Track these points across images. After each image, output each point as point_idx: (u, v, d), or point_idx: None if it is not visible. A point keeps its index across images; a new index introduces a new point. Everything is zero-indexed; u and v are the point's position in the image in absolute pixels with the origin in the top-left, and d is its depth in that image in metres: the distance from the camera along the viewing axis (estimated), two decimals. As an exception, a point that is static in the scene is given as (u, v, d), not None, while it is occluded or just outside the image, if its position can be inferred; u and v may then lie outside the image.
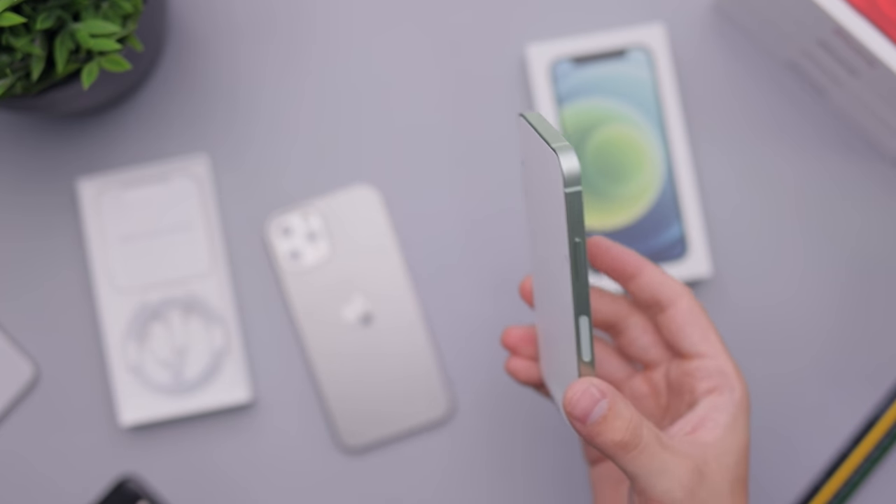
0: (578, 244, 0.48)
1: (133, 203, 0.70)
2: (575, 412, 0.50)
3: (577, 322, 0.50)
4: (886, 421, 0.69)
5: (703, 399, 0.54)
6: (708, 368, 0.55)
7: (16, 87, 0.59)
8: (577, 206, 0.47)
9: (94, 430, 0.70)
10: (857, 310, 0.70)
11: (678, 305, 0.56)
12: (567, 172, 0.47)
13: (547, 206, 0.50)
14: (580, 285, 0.49)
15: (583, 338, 0.50)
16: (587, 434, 0.50)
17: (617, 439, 0.50)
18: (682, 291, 0.56)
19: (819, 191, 0.71)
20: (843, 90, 0.68)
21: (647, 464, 0.50)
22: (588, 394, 0.50)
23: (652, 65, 0.70)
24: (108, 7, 0.59)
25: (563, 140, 0.48)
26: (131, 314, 0.70)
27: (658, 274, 0.56)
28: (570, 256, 0.48)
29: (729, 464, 0.53)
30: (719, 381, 0.54)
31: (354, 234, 0.70)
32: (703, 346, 0.55)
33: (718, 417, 0.54)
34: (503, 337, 0.60)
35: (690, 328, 0.55)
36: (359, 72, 0.71)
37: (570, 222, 0.48)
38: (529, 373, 0.59)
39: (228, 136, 0.71)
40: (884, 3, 0.62)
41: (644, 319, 0.58)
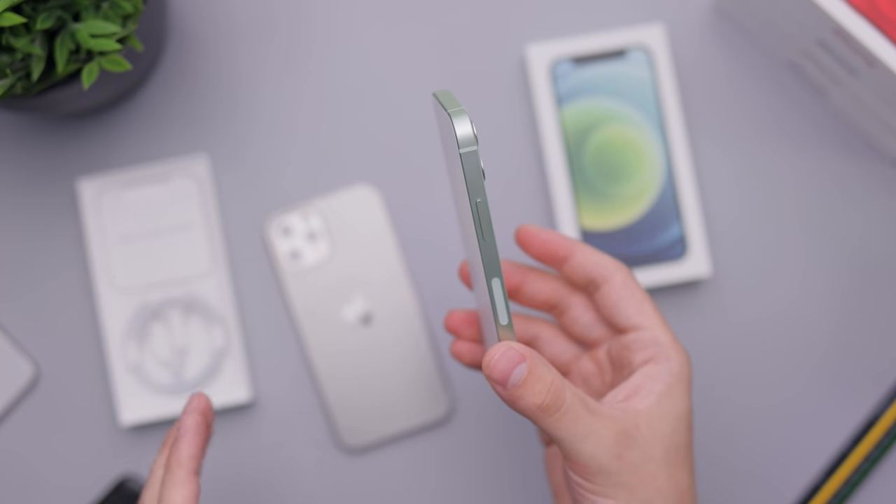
0: (480, 203, 0.49)
1: (133, 203, 0.70)
2: (494, 375, 0.50)
3: (489, 285, 0.50)
4: (886, 420, 0.69)
5: (639, 370, 0.54)
6: (644, 340, 0.55)
7: (16, 88, 0.59)
8: (474, 166, 0.48)
9: (95, 430, 0.70)
10: (857, 310, 0.70)
11: (612, 281, 0.56)
12: (460, 134, 0.48)
13: (456, 179, 0.51)
14: (487, 246, 0.49)
15: (497, 300, 0.50)
16: (508, 398, 0.50)
17: (538, 402, 0.50)
18: (614, 268, 0.56)
19: (819, 191, 0.71)
20: (843, 90, 0.68)
21: (570, 427, 0.50)
22: (506, 357, 0.50)
23: (652, 65, 0.70)
24: (108, 7, 0.59)
25: (458, 105, 0.49)
26: (131, 314, 0.70)
27: (591, 254, 0.56)
28: (474, 217, 0.49)
29: (664, 431, 0.52)
30: (655, 351, 0.54)
31: (354, 234, 0.70)
32: (639, 318, 0.55)
33: (652, 386, 0.53)
34: (445, 321, 0.60)
35: (625, 302, 0.55)
36: (359, 72, 0.71)
37: (469, 182, 0.48)
38: (473, 355, 0.59)
39: (228, 136, 0.71)
40: (883, 4, 0.62)
41: (585, 299, 0.58)
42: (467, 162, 0.48)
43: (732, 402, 0.70)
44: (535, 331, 0.60)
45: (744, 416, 0.70)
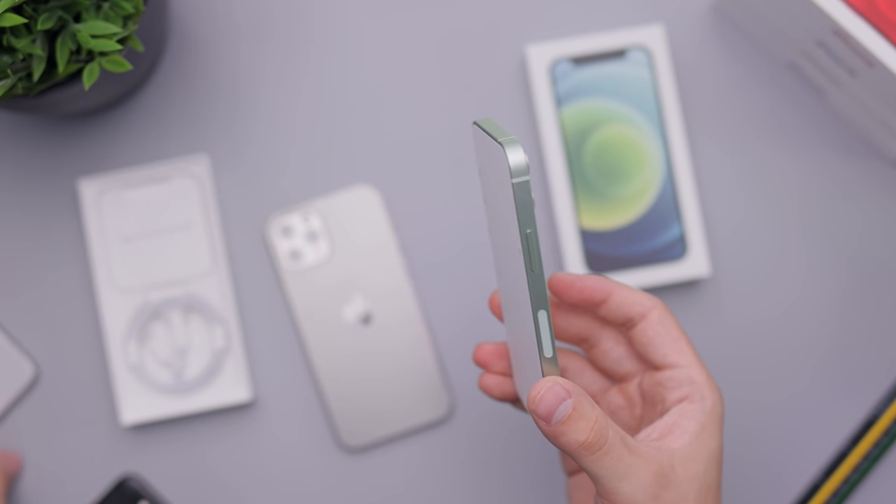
0: (530, 235, 0.48)
1: (134, 203, 0.70)
2: (539, 410, 0.50)
3: (535, 317, 0.50)
4: (885, 420, 0.69)
5: (673, 407, 0.54)
6: (679, 378, 0.55)
7: (17, 88, 0.59)
8: (525, 197, 0.48)
9: (95, 430, 0.70)
10: (857, 310, 0.70)
11: (648, 318, 0.56)
12: (513, 164, 0.48)
13: (502, 208, 0.51)
14: (535, 277, 0.49)
15: (542, 333, 0.50)
16: (551, 434, 0.50)
17: (581, 440, 0.50)
18: (651, 304, 0.56)
19: (819, 191, 0.71)
20: (843, 91, 0.68)
21: (611, 466, 0.50)
22: (552, 392, 0.50)
23: (651, 65, 0.70)
24: (108, 8, 0.59)
25: (509, 135, 0.49)
26: (132, 314, 0.70)
27: (627, 293, 0.56)
28: (523, 248, 0.49)
29: (697, 470, 0.52)
30: (690, 389, 0.54)
31: (354, 234, 0.70)
32: (674, 356, 0.55)
33: (687, 425, 0.53)
34: (474, 354, 0.59)
35: (661, 339, 0.55)
36: (358, 72, 0.71)
37: (520, 213, 0.48)
38: (503, 388, 0.58)
39: (228, 136, 0.71)
40: (882, 4, 0.62)
41: (615, 333, 0.58)
42: (519, 192, 0.48)
43: (732, 402, 0.70)
44: (564, 362, 0.60)
45: (743, 416, 0.70)
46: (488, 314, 0.70)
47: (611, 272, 0.69)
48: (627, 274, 0.69)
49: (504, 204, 0.50)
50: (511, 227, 0.50)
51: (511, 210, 0.49)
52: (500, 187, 0.50)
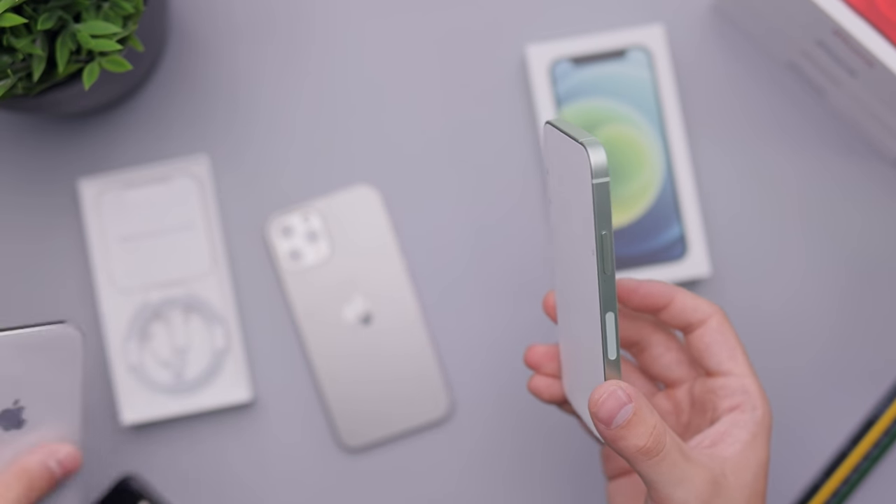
0: (605, 236, 0.49)
1: (134, 203, 0.70)
2: (600, 414, 0.50)
3: (603, 319, 0.50)
4: (885, 420, 0.69)
5: (724, 416, 0.55)
6: (732, 386, 0.55)
7: (17, 88, 0.59)
8: (604, 198, 0.48)
9: (96, 430, 0.70)
10: (857, 310, 0.70)
11: (707, 324, 0.56)
12: (595, 164, 0.48)
13: (574, 208, 0.51)
14: (607, 279, 0.50)
15: (609, 335, 0.50)
16: (610, 437, 0.50)
17: (640, 445, 0.50)
18: (711, 311, 0.56)
19: (818, 191, 0.71)
20: (843, 91, 0.68)
21: (667, 472, 0.50)
22: (614, 396, 0.50)
23: (651, 65, 0.70)
24: (108, 8, 0.59)
25: (590, 135, 0.49)
26: (132, 314, 0.70)
27: (689, 298, 0.56)
28: (597, 249, 0.49)
29: (747, 479, 0.53)
30: (742, 399, 0.55)
31: (354, 234, 0.70)
32: (729, 364, 0.55)
33: (738, 434, 0.54)
34: (526, 355, 0.59)
35: (718, 347, 0.56)
36: (358, 72, 0.71)
37: (598, 214, 0.49)
38: (552, 391, 0.59)
39: (228, 136, 0.71)
40: (882, 4, 0.62)
41: (667, 337, 0.58)
42: (599, 193, 0.48)
43: (732, 402, 0.70)
44: None
45: (743, 416, 0.70)
46: (489, 312, 0.70)
47: (611, 272, 0.69)
48: (627, 274, 0.69)
49: (577, 204, 0.50)
50: (583, 227, 0.50)
51: (586, 211, 0.49)
52: (576, 187, 0.50)
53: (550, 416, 0.70)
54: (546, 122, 0.54)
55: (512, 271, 0.71)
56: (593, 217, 0.49)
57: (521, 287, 0.70)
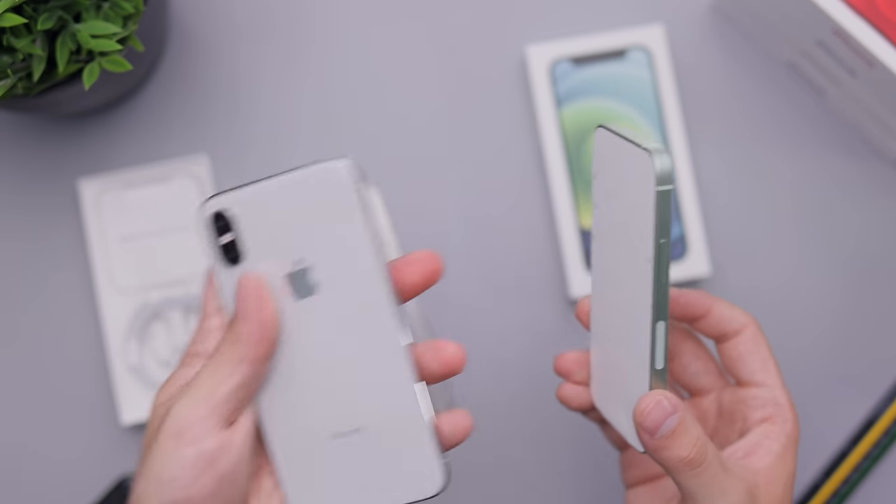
0: (663, 244, 0.49)
1: (134, 203, 0.70)
2: (645, 423, 0.50)
3: (653, 328, 0.50)
4: (886, 420, 0.69)
5: (755, 427, 0.55)
6: (764, 398, 0.55)
7: (17, 88, 0.60)
8: (666, 206, 0.48)
9: (96, 430, 0.70)
10: (856, 310, 0.71)
11: (742, 334, 0.56)
12: (660, 171, 0.48)
13: (627, 213, 0.51)
14: (661, 287, 0.50)
15: (658, 344, 0.50)
16: (654, 447, 0.50)
17: (683, 455, 0.50)
18: (747, 321, 0.56)
19: (818, 191, 0.71)
20: (842, 90, 0.68)
21: (708, 483, 0.51)
22: (660, 406, 0.50)
23: (651, 65, 0.70)
24: (108, 8, 0.59)
25: (653, 142, 0.49)
26: (132, 314, 0.70)
27: (726, 308, 0.56)
28: (654, 257, 0.49)
29: (776, 492, 0.53)
30: (773, 411, 0.55)
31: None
32: (761, 375, 0.56)
33: (770, 446, 0.54)
34: (556, 362, 0.59)
35: (751, 357, 0.56)
36: (358, 72, 0.71)
37: (658, 222, 0.49)
38: (582, 399, 0.59)
39: (228, 136, 0.71)
40: (882, 4, 0.62)
41: (696, 346, 0.58)
42: (662, 201, 0.48)
43: (732, 402, 0.70)
44: None
45: (743, 416, 0.70)
46: (488, 311, 0.70)
47: (611, 272, 0.69)
48: (627, 274, 0.69)
49: (633, 210, 0.50)
50: (637, 233, 0.50)
51: (643, 217, 0.49)
52: (632, 193, 0.50)
53: (547, 416, 0.70)
54: (599, 127, 0.53)
55: (512, 269, 0.71)
56: (653, 224, 0.49)
57: (520, 285, 0.70)
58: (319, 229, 0.48)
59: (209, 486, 0.46)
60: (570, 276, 0.69)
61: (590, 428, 0.70)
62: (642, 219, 0.49)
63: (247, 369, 0.47)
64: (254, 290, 0.48)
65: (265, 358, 0.48)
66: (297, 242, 0.48)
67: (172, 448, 0.46)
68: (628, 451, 0.60)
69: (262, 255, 0.49)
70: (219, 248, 0.49)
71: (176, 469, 0.46)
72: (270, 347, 0.48)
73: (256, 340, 0.47)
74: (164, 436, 0.47)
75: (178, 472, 0.46)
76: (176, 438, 0.46)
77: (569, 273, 0.69)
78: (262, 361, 0.48)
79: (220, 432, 0.47)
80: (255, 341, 0.47)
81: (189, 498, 0.46)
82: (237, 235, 0.49)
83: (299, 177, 0.48)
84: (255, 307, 0.48)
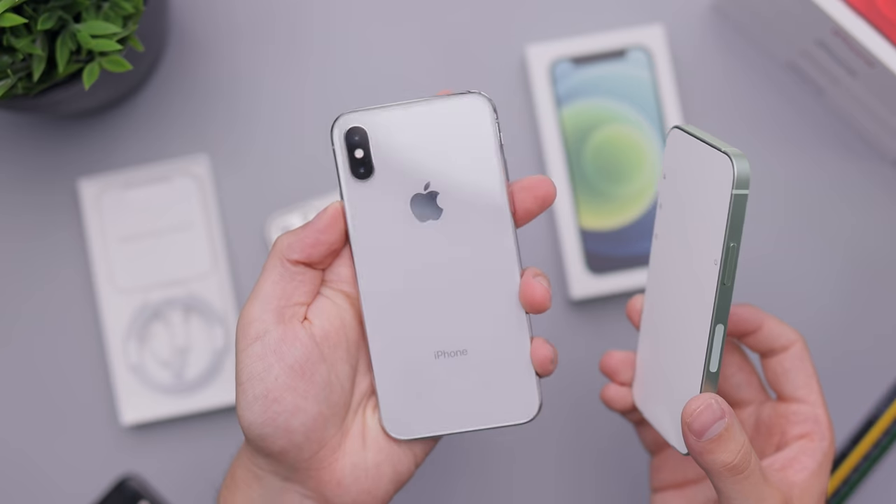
0: (733, 248, 0.49)
1: (134, 203, 0.70)
2: (694, 425, 0.50)
3: (712, 330, 0.50)
4: (885, 420, 0.69)
5: (794, 443, 0.55)
6: (804, 414, 0.56)
7: (17, 88, 0.60)
8: (741, 209, 0.49)
9: (96, 430, 0.70)
10: (857, 310, 0.71)
11: (790, 350, 0.56)
12: (739, 174, 0.48)
13: (696, 215, 0.51)
14: (725, 290, 0.50)
15: (714, 347, 0.50)
16: (698, 450, 0.51)
17: (727, 461, 0.50)
18: (795, 338, 0.57)
19: (818, 191, 0.71)
20: (842, 90, 0.68)
21: (748, 491, 0.51)
22: (710, 409, 0.50)
23: (651, 65, 0.70)
24: (109, 8, 0.59)
25: (732, 146, 0.49)
26: (132, 314, 0.70)
27: (776, 324, 0.57)
28: (722, 260, 0.49)
29: None
30: (813, 428, 0.55)
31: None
32: (804, 391, 0.56)
33: (807, 461, 0.54)
34: (603, 362, 0.59)
35: (796, 373, 0.56)
36: (358, 72, 0.71)
37: (731, 225, 0.49)
38: (625, 400, 0.59)
39: (228, 136, 0.71)
40: (882, 4, 0.62)
41: (741, 357, 0.58)
42: (737, 204, 0.49)
43: (732, 402, 0.70)
44: None
45: (743, 416, 0.70)
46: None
47: (611, 272, 0.69)
48: (627, 274, 0.69)
49: (704, 212, 0.50)
50: (706, 235, 0.50)
51: (716, 219, 0.49)
52: (706, 195, 0.50)
53: (547, 415, 0.70)
54: (674, 127, 0.53)
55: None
56: (726, 227, 0.49)
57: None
58: (451, 157, 0.51)
59: (282, 379, 0.50)
60: (570, 276, 0.69)
61: (588, 428, 0.70)
62: (714, 220, 0.50)
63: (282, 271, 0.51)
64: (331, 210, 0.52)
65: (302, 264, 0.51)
66: (426, 166, 0.51)
67: (243, 347, 0.51)
68: (661, 455, 0.60)
69: (391, 173, 0.51)
70: (350, 162, 0.51)
71: (249, 366, 0.51)
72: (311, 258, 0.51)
73: (305, 248, 0.51)
74: (237, 338, 0.51)
75: (251, 368, 0.51)
76: (244, 336, 0.51)
77: (569, 273, 0.69)
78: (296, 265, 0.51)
79: (277, 325, 0.51)
80: (303, 247, 0.51)
81: (268, 391, 0.50)
82: (369, 152, 0.51)
83: (437, 105, 0.51)
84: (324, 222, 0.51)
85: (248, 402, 0.51)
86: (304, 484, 0.52)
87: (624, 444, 0.70)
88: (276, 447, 0.51)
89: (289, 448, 0.51)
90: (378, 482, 0.53)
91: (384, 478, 0.53)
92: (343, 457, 0.52)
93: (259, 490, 0.52)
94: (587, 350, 0.70)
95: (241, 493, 0.53)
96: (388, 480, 0.53)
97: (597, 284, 0.69)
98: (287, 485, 0.52)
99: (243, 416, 0.51)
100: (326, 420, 0.52)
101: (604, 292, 0.69)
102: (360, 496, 0.52)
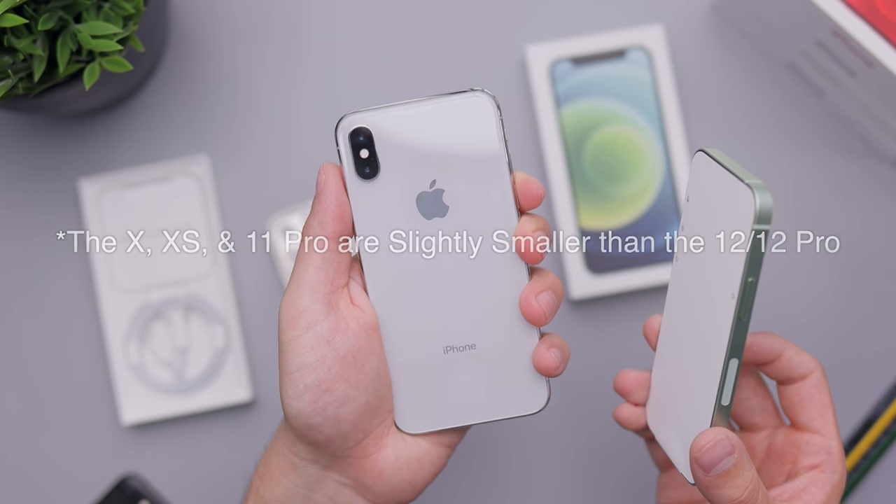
0: (751, 283, 0.48)
1: (134, 203, 0.70)
2: (702, 460, 0.50)
3: (726, 363, 0.50)
4: (885, 420, 0.70)
5: (804, 473, 0.55)
6: (817, 445, 0.55)
7: (18, 88, 0.60)
8: (760, 245, 0.48)
9: (96, 430, 0.70)
10: (857, 310, 0.71)
11: (807, 380, 0.56)
12: (761, 209, 0.47)
13: (716, 243, 0.50)
14: (741, 325, 0.49)
15: (728, 381, 0.50)
16: (706, 484, 0.50)
17: (734, 496, 0.50)
18: (814, 367, 0.56)
19: (818, 191, 0.71)
20: (842, 91, 0.68)
21: None
22: (720, 445, 0.50)
23: (651, 65, 0.70)
24: (109, 8, 0.59)
25: (756, 178, 0.48)
26: (132, 314, 0.70)
27: (794, 354, 0.56)
28: (739, 295, 0.48)
29: None
30: (824, 459, 0.55)
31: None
32: (819, 422, 0.56)
33: (815, 493, 0.54)
34: (618, 380, 0.58)
35: (812, 403, 0.56)
36: (357, 72, 0.72)
37: (750, 259, 0.48)
38: (638, 421, 0.58)
39: (228, 136, 0.71)
40: (882, 4, 0.62)
41: (757, 383, 0.58)
42: (757, 240, 0.47)
43: (732, 402, 0.70)
44: None
45: (743, 416, 0.70)
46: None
47: (611, 272, 0.69)
48: (628, 274, 0.69)
49: (722, 242, 0.50)
50: (724, 267, 0.49)
51: (735, 252, 0.48)
52: (727, 225, 0.49)
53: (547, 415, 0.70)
54: (699, 150, 0.52)
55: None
56: (745, 262, 0.48)
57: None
58: (456, 154, 0.51)
59: (335, 369, 0.50)
60: (570, 276, 0.69)
61: (588, 429, 0.70)
62: (733, 253, 0.48)
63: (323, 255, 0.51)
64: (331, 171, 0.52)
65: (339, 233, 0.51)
66: (431, 164, 0.51)
67: (292, 337, 0.51)
68: (668, 473, 0.60)
69: (396, 173, 0.51)
70: (355, 162, 0.52)
71: (300, 356, 0.50)
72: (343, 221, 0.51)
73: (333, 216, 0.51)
74: (283, 328, 0.51)
75: (303, 359, 0.50)
76: (292, 326, 0.51)
77: (569, 273, 0.69)
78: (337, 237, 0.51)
79: (328, 315, 0.51)
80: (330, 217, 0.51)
81: (320, 381, 0.50)
82: (374, 152, 0.52)
83: (441, 104, 0.51)
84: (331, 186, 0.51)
85: (299, 391, 0.51)
86: (343, 472, 0.53)
87: (624, 444, 0.70)
88: (323, 436, 0.51)
89: (335, 437, 0.51)
90: (418, 473, 0.53)
91: (424, 469, 0.54)
92: (386, 447, 0.53)
93: (296, 479, 0.53)
94: (587, 350, 0.70)
95: (276, 482, 0.53)
96: (427, 472, 0.54)
97: (596, 284, 0.69)
98: (325, 473, 0.53)
99: (291, 405, 0.51)
100: (374, 410, 0.52)
101: (603, 292, 0.69)
102: (400, 485, 0.53)
